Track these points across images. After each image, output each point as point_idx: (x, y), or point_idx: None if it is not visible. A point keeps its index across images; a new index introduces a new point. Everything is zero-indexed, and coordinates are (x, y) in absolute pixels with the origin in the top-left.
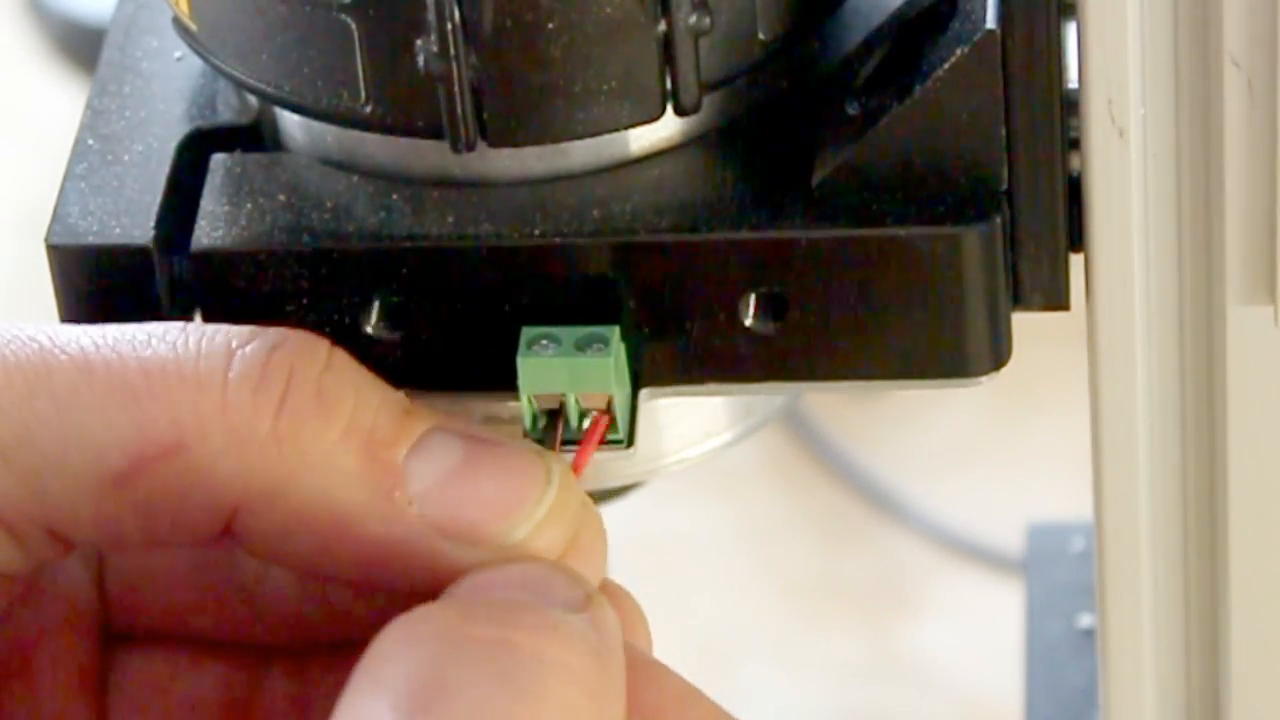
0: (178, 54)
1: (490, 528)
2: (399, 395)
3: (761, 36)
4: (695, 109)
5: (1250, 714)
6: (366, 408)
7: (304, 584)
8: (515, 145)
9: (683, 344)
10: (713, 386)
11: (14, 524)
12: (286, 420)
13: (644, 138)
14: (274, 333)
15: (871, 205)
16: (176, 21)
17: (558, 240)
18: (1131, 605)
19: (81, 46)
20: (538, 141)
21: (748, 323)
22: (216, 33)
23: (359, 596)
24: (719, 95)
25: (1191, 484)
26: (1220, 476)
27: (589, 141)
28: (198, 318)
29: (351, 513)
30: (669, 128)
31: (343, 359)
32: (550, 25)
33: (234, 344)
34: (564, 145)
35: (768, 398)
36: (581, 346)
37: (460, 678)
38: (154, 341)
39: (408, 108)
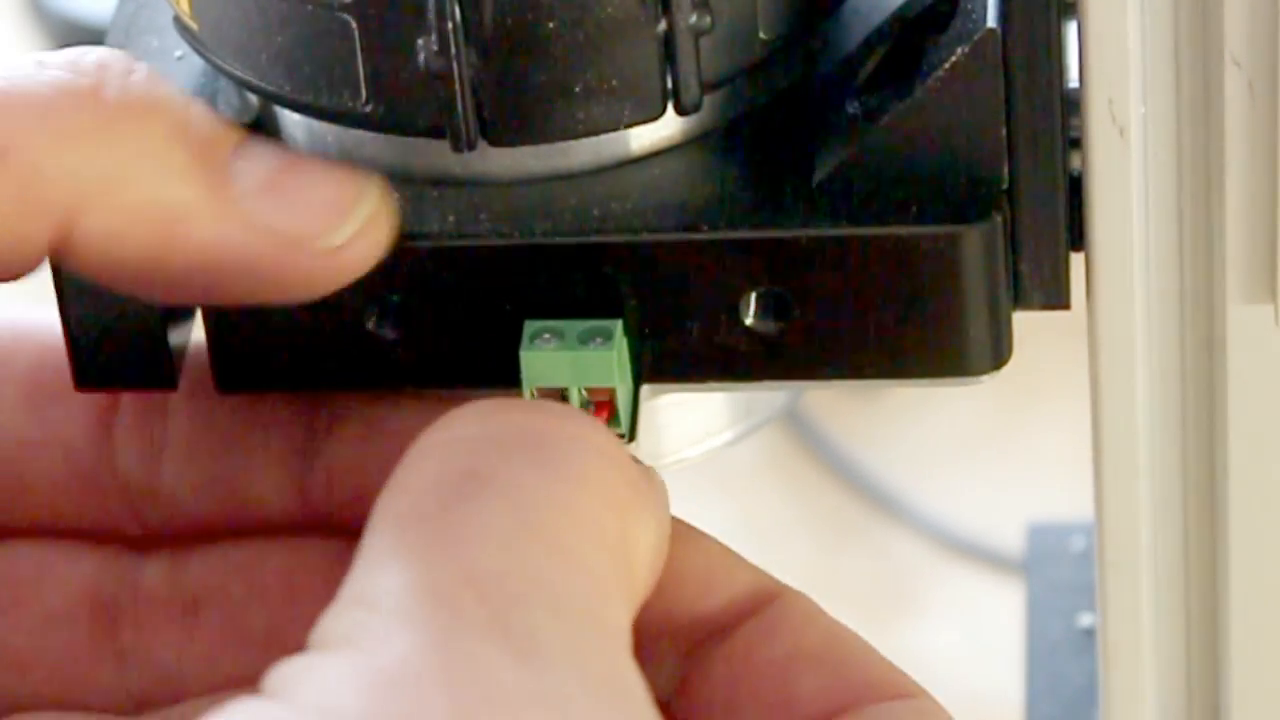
0: (178, 53)
1: (316, 226)
2: (209, 108)
3: (762, 36)
4: (696, 108)
5: (1250, 714)
6: (187, 108)
7: (199, 477)
8: (515, 144)
9: (684, 343)
10: (714, 385)
11: None
12: (111, 114)
13: (644, 137)
14: (75, 49)
15: (872, 205)
16: (177, 21)
17: (558, 240)
18: (1131, 605)
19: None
20: (538, 141)
21: (749, 322)
22: (217, 32)
23: (255, 480)
24: (720, 94)
25: (1191, 484)
26: (1220, 476)
27: (589, 141)
28: (199, 317)
29: (182, 211)
30: (669, 127)
31: (151, 69)
32: (550, 24)
33: (38, 58)
34: (564, 145)
35: (768, 396)
36: (584, 340)
37: (495, 462)
38: None
39: (408, 107)
